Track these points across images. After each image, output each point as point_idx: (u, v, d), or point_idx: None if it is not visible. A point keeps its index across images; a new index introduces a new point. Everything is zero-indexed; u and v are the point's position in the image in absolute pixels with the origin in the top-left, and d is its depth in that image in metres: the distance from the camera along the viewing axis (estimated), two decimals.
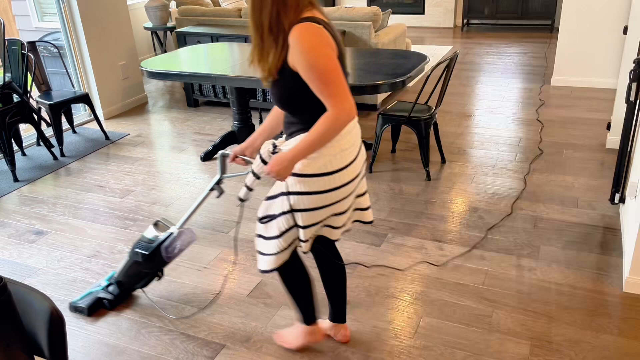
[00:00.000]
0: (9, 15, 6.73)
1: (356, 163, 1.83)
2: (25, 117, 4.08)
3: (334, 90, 1.62)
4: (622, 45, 5.17)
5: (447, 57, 3.53)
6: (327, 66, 1.61)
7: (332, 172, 1.77)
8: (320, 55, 1.60)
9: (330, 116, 1.65)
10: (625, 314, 2.38)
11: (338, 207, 1.86)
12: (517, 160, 3.90)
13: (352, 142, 1.80)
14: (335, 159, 1.76)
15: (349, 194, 1.86)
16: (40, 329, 1.32)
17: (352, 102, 1.66)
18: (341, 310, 2.23)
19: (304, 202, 1.80)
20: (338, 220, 1.92)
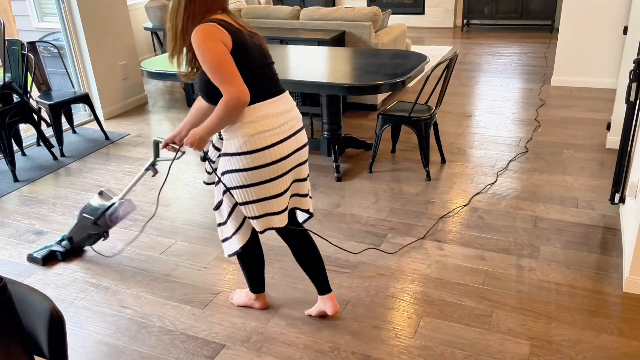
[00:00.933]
0: (9, 15, 6.73)
1: (282, 146, 2.04)
2: (25, 117, 4.08)
3: (222, 79, 1.88)
4: (622, 45, 5.17)
5: (447, 57, 3.53)
6: (214, 58, 1.87)
7: (251, 152, 2.00)
8: (207, 49, 1.86)
9: (222, 100, 1.91)
10: (625, 314, 2.38)
11: (270, 187, 2.07)
12: (516, 160, 3.90)
13: (272, 125, 2.01)
14: (252, 139, 1.98)
15: (277, 175, 2.06)
16: (40, 329, 1.32)
17: (240, 88, 1.89)
18: (323, 281, 2.38)
19: (234, 180, 2.05)
20: (278, 203, 2.12)
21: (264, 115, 2.00)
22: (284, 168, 2.08)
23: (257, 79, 1.99)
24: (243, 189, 2.07)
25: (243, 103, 1.90)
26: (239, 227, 2.19)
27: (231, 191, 2.09)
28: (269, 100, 2.02)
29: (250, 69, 1.96)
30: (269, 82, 2.04)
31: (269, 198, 2.09)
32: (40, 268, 2.91)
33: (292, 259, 2.87)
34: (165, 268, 2.86)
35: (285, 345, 2.29)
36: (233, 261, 2.88)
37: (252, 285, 2.46)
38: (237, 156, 2.01)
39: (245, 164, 2.01)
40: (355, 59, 3.82)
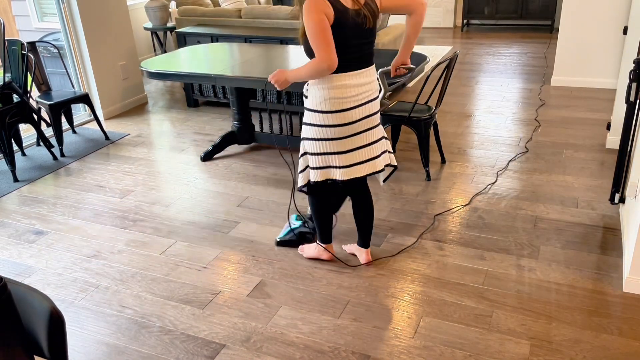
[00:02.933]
0: (9, 15, 6.73)
1: (353, 112, 2.38)
2: (25, 117, 4.08)
3: (318, 45, 2.20)
4: (622, 45, 5.17)
5: (447, 57, 3.53)
6: (314, 27, 2.17)
7: (326, 112, 2.36)
8: (311, 18, 2.17)
9: (314, 61, 2.24)
10: (625, 314, 2.38)
11: (335, 144, 2.44)
12: (516, 160, 3.90)
13: (348, 94, 2.34)
14: (329, 102, 2.34)
15: (344, 135, 2.41)
16: (40, 329, 1.32)
17: (331, 56, 2.20)
18: (365, 238, 2.78)
19: (308, 132, 2.46)
20: (340, 159, 2.48)
21: (345, 84, 2.33)
22: (351, 131, 2.42)
23: (347, 52, 2.29)
24: (313, 142, 2.46)
25: (330, 69, 2.22)
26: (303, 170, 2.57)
27: (303, 141, 2.50)
28: (352, 72, 2.33)
29: (343, 43, 2.26)
30: (357, 58, 2.34)
31: (333, 153, 2.46)
32: (40, 268, 2.91)
33: (292, 259, 2.87)
34: (165, 268, 2.86)
35: (285, 345, 2.30)
36: (233, 261, 2.88)
37: (321, 234, 2.77)
38: (314, 113, 2.40)
39: (319, 120, 2.39)
40: None
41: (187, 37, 5.24)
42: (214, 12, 5.44)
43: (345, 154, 2.46)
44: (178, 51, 4.28)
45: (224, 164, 4.07)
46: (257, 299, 2.59)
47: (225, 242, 3.07)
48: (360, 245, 2.81)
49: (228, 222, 3.27)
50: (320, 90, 2.34)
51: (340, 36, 2.24)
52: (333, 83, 2.31)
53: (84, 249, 3.07)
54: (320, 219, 2.72)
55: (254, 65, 3.76)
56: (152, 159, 4.23)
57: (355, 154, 2.48)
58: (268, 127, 4.71)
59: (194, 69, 3.72)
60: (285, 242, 3.01)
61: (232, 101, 4.17)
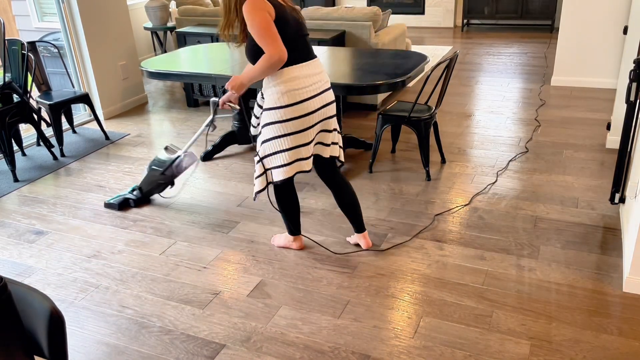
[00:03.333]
0: (9, 15, 6.73)
1: (310, 102, 2.46)
2: (25, 117, 4.08)
3: (266, 41, 2.29)
4: (622, 45, 5.17)
5: (447, 57, 3.53)
6: (261, 24, 2.27)
7: (285, 106, 2.42)
8: (256, 17, 2.27)
9: (265, 57, 2.32)
10: (625, 314, 2.38)
11: (300, 137, 2.49)
12: (516, 160, 3.90)
13: (303, 85, 2.43)
14: (286, 95, 2.41)
15: (306, 126, 2.49)
16: (40, 329, 1.32)
17: (280, 48, 2.30)
18: (358, 222, 2.86)
19: (272, 131, 2.49)
20: (306, 150, 2.55)
21: (296, 76, 2.42)
22: (312, 121, 2.50)
23: (293, 45, 2.39)
24: (279, 139, 2.49)
25: (281, 60, 2.31)
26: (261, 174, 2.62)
27: (264, 144, 2.54)
28: (301, 64, 2.43)
29: (288, 37, 2.37)
30: (303, 50, 2.44)
31: (300, 146, 2.52)
32: (40, 268, 2.91)
33: (291, 259, 2.87)
34: (165, 268, 2.86)
35: (285, 345, 2.30)
36: (233, 261, 2.89)
37: (292, 227, 2.87)
38: (274, 110, 2.45)
39: (280, 116, 2.45)
40: (355, 59, 3.82)
41: (187, 37, 5.24)
42: (214, 12, 5.44)
43: (306, 146, 2.54)
44: (178, 51, 4.28)
45: (224, 164, 4.07)
46: (257, 299, 2.59)
47: (225, 242, 3.07)
48: (357, 231, 2.90)
49: (228, 222, 3.27)
50: (276, 87, 2.42)
51: (284, 30, 2.35)
52: (286, 76, 2.41)
53: (84, 249, 3.07)
54: (287, 213, 2.80)
55: None
56: (152, 158, 4.23)
57: (310, 147, 2.58)
58: None
59: (194, 69, 3.72)
60: (109, 204, 3.46)
61: None
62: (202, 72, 3.63)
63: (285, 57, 2.32)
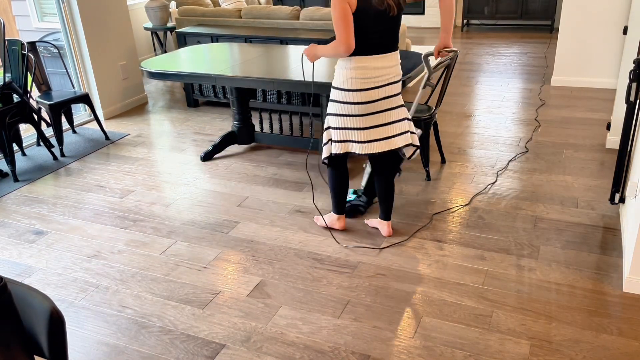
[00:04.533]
0: (9, 15, 6.73)
1: (372, 92, 2.64)
2: (25, 117, 4.08)
3: (339, 29, 2.48)
4: (622, 45, 5.17)
5: (447, 57, 3.53)
6: (337, 14, 2.46)
7: (347, 89, 2.64)
8: (335, 6, 2.45)
9: (335, 43, 2.52)
10: (625, 314, 2.38)
11: (355, 121, 2.70)
12: (516, 160, 3.90)
13: (368, 75, 2.60)
14: (350, 81, 2.62)
15: (363, 113, 2.67)
16: (40, 329, 1.32)
17: (348, 40, 2.47)
18: (386, 211, 3.02)
19: (331, 107, 2.75)
20: (359, 135, 2.73)
21: (365, 66, 2.58)
22: (371, 109, 2.68)
23: (368, 37, 2.54)
24: (335, 117, 2.74)
25: (347, 51, 2.50)
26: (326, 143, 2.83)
27: (328, 116, 2.78)
28: (373, 56, 2.58)
29: (364, 29, 2.52)
30: (378, 43, 2.57)
31: (353, 129, 2.72)
32: (40, 268, 2.91)
33: (292, 259, 2.87)
34: (165, 268, 2.86)
35: (285, 345, 2.30)
36: (233, 261, 2.89)
37: (338, 206, 3.04)
38: (338, 90, 2.68)
39: (342, 97, 2.67)
40: None
41: (187, 37, 5.24)
42: (214, 12, 5.44)
43: (364, 130, 2.72)
44: (178, 51, 4.28)
45: (224, 164, 4.07)
46: (257, 299, 2.59)
47: (225, 242, 3.07)
48: (382, 218, 3.05)
49: (228, 222, 3.27)
50: (344, 70, 2.61)
51: (361, 23, 2.50)
52: (355, 64, 2.58)
53: (84, 249, 3.07)
54: (335, 190, 2.98)
55: (254, 65, 3.76)
56: (152, 159, 4.23)
57: (373, 132, 2.73)
58: (268, 127, 4.70)
59: (194, 69, 3.72)
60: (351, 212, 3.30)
61: (232, 101, 4.17)
62: (202, 72, 3.63)
63: (351, 49, 2.50)
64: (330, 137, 2.81)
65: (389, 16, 2.53)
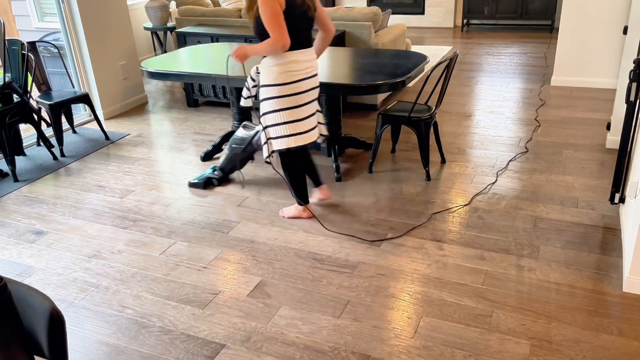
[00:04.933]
0: (9, 15, 6.73)
1: (303, 83, 2.85)
2: (25, 117, 4.08)
3: (273, 28, 2.66)
4: (622, 45, 5.17)
5: (447, 57, 3.53)
6: (269, 13, 2.64)
7: (280, 84, 2.82)
8: (266, 6, 2.63)
9: (270, 40, 2.69)
10: (625, 314, 2.38)
11: (294, 113, 2.89)
12: (516, 160, 3.90)
13: (298, 68, 2.81)
14: (283, 75, 2.80)
15: (300, 103, 2.88)
16: (40, 329, 1.32)
17: (283, 37, 2.67)
18: (315, 176, 3.30)
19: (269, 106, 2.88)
20: (302, 126, 2.94)
21: (295, 60, 2.80)
22: (302, 100, 2.89)
23: (296, 34, 2.77)
24: (274, 114, 2.89)
25: (284, 47, 2.70)
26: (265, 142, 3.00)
27: (264, 116, 2.92)
28: (300, 50, 2.81)
29: (294, 26, 2.74)
30: (304, 39, 2.82)
31: (294, 121, 2.90)
32: (40, 268, 2.91)
33: (292, 259, 2.87)
34: (165, 268, 2.86)
35: (285, 345, 2.30)
36: (233, 261, 2.89)
37: (301, 197, 3.20)
38: (271, 87, 2.84)
39: (276, 93, 2.83)
40: (355, 59, 3.82)
41: (187, 37, 5.24)
42: (214, 12, 5.44)
43: (302, 121, 2.93)
44: (178, 51, 4.28)
45: None
46: (257, 299, 2.59)
47: (225, 242, 3.07)
48: (316, 186, 3.33)
49: (228, 222, 3.27)
50: (276, 67, 2.79)
51: (291, 20, 2.72)
52: (288, 59, 2.79)
53: (84, 249, 3.07)
54: (294, 181, 3.14)
55: (254, 66, 3.76)
56: (152, 159, 4.23)
57: (307, 122, 2.97)
58: None
59: (194, 69, 3.72)
60: (194, 184, 3.70)
61: (232, 101, 4.17)
62: (202, 72, 3.63)
63: (287, 46, 2.70)
64: (269, 135, 2.96)
65: (308, 15, 2.80)
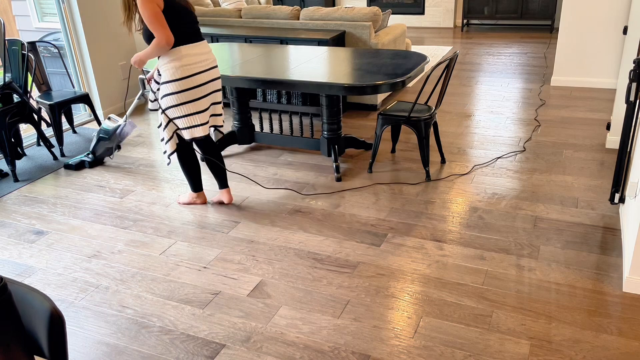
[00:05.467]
0: (9, 15, 6.73)
1: (200, 76, 2.97)
2: (26, 117, 4.08)
3: (155, 27, 2.81)
4: (622, 45, 5.17)
5: (447, 57, 3.53)
6: (149, 14, 2.78)
7: (179, 79, 2.92)
8: (145, 9, 2.78)
9: (155, 40, 2.83)
10: (625, 314, 2.38)
11: (193, 106, 3.00)
12: (516, 160, 3.90)
13: (192, 61, 2.93)
14: (179, 70, 2.92)
15: (198, 97, 3.00)
16: (40, 329, 1.32)
17: (166, 34, 2.81)
18: (222, 179, 3.38)
19: (169, 101, 2.99)
20: (200, 118, 3.06)
21: (186, 54, 2.92)
22: (203, 92, 3.02)
23: (182, 29, 2.90)
24: (175, 108, 3.00)
25: (169, 43, 2.83)
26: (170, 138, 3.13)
27: (166, 111, 3.03)
28: (190, 44, 2.93)
29: (177, 22, 2.88)
30: (192, 33, 2.95)
31: (193, 114, 3.02)
32: (40, 268, 2.91)
33: (292, 259, 2.87)
34: (165, 268, 2.86)
35: (285, 345, 2.30)
36: (233, 261, 2.89)
37: (194, 185, 3.38)
38: (170, 83, 2.94)
39: (176, 88, 2.94)
40: (355, 59, 3.82)
41: None
42: (214, 12, 5.44)
43: (203, 112, 3.05)
44: None
45: None
46: (257, 299, 2.59)
47: (225, 242, 3.07)
48: (221, 187, 3.41)
49: (228, 222, 3.27)
50: (172, 63, 2.91)
51: (174, 17, 2.86)
52: (181, 54, 2.91)
53: (84, 249, 3.07)
54: (190, 173, 3.32)
55: (254, 65, 3.76)
56: (152, 158, 4.23)
57: (207, 113, 3.08)
58: (268, 127, 4.70)
59: None
60: (68, 165, 4.07)
61: (232, 101, 4.17)
62: None
63: (171, 41, 2.83)
64: (173, 130, 3.10)
65: (190, 11, 2.95)
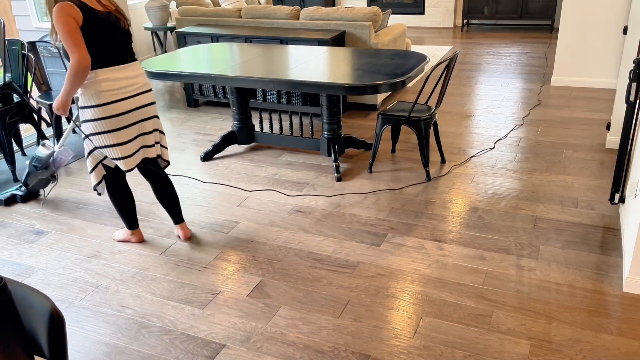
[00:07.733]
0: (9, 15, 6.73)
1: (122, 104, 2.59)
2: (26, 117, 4.08)
3: (69, 45, 2.39)
4: (622, 45, 5.17)
5: (447, 57, 3.53)
6: (64, 29, 2.37)
7: (95, 106, 2.55)
8: (59, 23, 2.37)
9: (70, 67, 2.41)
10: (625, 314, 2.38)
11: (116, 136, 2.62)
12: (516, 160, 3.90)
13: (113, 87, 2.55)
14: (95, 96, 2.53)
15: (120, 126, 2.61)
16: (40, 329, 1.32)
17: (82, 54, 2.39)
18: (176, 213, 3.04)
19: (89, 128, 2.63)
20: (125, 150, 2.67)
21: (108, 77, 2.53)
22: (125, 121, 2.63)
23: (104, 49, 2.50)
24: (97, 136, 2.63)
25: (85, 66, 2.41)
26: (94, 168, 2.78)
27: (89, 138, 2.67)
28: (113, 67, 2.54)
29: (97, 41, 2.47)
30: (116, 53, 2.55)
31: (113, 145, 2.64)
32: (40, 268, 2.91)
33: (292, 259, 2.87)
34: (165, 268, 2.86)
35: (285, 345, 2.30)
36: (233, 261, 2.89)
37: (127, 222, 3.02)
38: (88, 109, 2.58)
39: (93, 115, 2.58)
40: (355, 59, 3.82)
41: (187, 37, 5.24)
42: (214, 12, 5.44)
43: (125, 145, 2.67)
44: (178, 51, 4.28)
45: (224, 164, 4.07)
46: (257, 299, 2.59)
47: (225, 242, 3.07)
48: (176, 223, 3.08)
49: (228, 222, 3.27)
50: (89, 86, 2.52)
51: (93, 35, 2.46)
52: (101, 77, 2.52)
53: (84, 249, 3.07)
54: (121, 207, 2.95)
55: (254, 65, 3.77)
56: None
57: (132, 144, 2.70)
58: (268, 127, 4.70)
59: (194, 68, 3.72)
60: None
61: (232, 101, 4.17)
62: (202, 72, 3.63)
63: (87, 63, 2.41)
64: (98, 160, 2.76)
65: (120, 27, 2.55)
